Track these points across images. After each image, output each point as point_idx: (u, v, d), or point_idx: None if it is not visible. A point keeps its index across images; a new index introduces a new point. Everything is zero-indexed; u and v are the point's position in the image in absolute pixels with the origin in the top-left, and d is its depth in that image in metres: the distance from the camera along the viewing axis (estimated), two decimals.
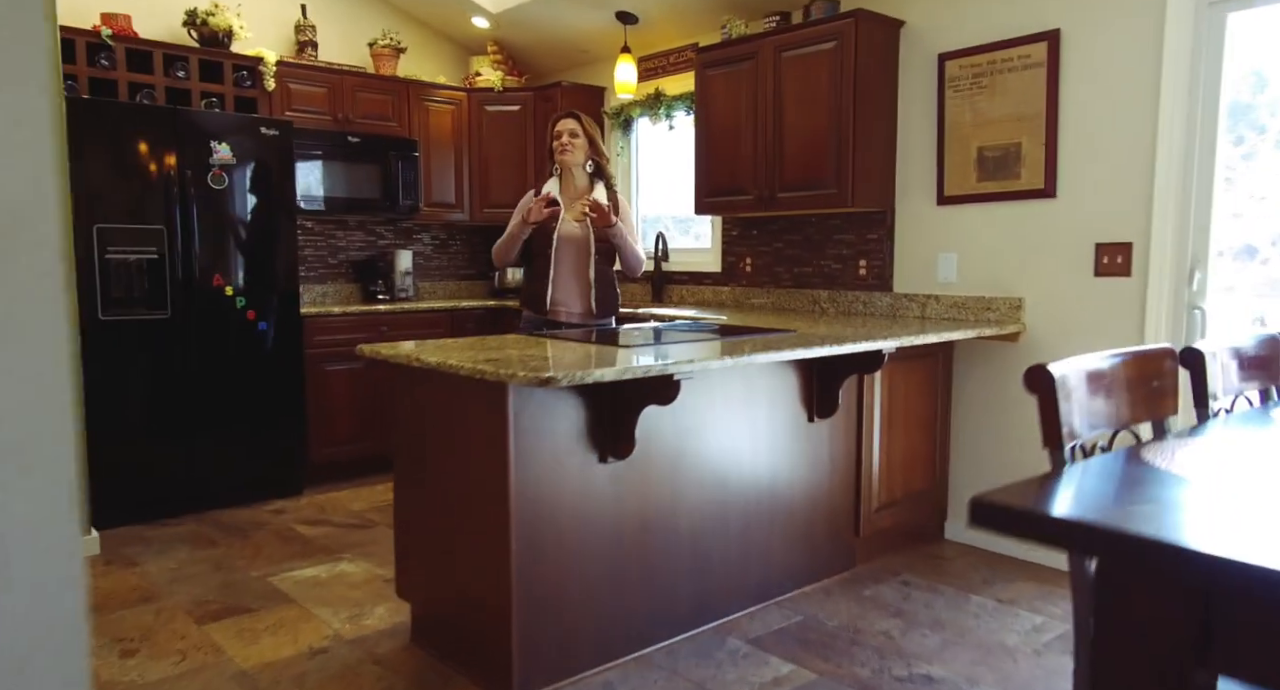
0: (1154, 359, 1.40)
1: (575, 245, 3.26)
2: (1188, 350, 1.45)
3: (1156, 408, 1.37)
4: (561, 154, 3.24)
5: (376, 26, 5.07)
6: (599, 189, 3.30)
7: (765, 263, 4.35)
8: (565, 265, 3.26)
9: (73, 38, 3.88)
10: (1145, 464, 1.10)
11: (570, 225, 3.25)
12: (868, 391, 3.19)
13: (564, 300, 3.28)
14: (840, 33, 3.53)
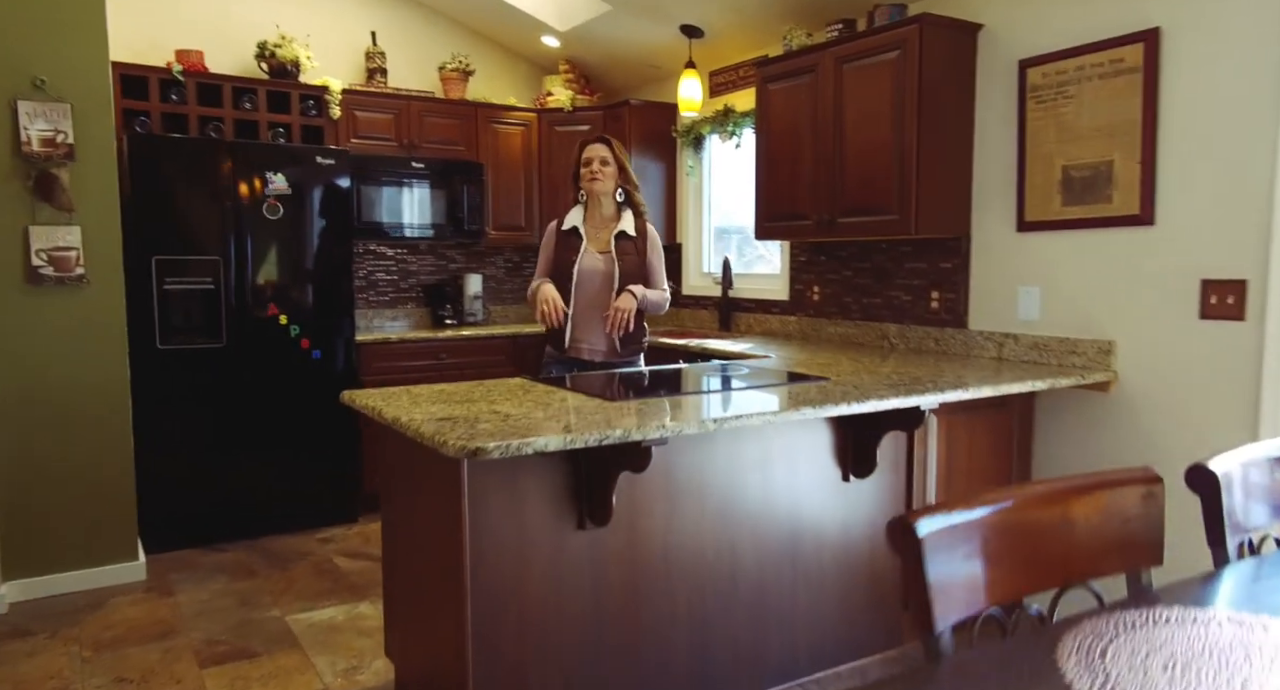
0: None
1: (597, 279, 3.06)
2: (1196, 470, 1.07)
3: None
4: (591, 182, 3.05)
5: (447, 49, 5.04)
6: (626, 218, 3.10)
7: (833, 292, 3.99)
8: (586, 301, 3.07)
9: (146, 75, 4.03)
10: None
11: (592, 258, 3.06)
12: (919, 447, 2.81)
13: (585, 338, 3.10)
14: (903, 40, 3.16)
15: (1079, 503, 0.95)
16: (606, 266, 3.05)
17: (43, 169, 3.24)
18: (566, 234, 3.11)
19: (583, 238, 3.07)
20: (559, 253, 3.11)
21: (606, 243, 3.07)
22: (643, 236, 3.13)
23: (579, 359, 3.09)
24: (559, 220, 3.17)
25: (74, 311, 3.34)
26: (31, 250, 3.25)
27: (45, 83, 3.23)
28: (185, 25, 4.34)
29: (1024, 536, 0.89)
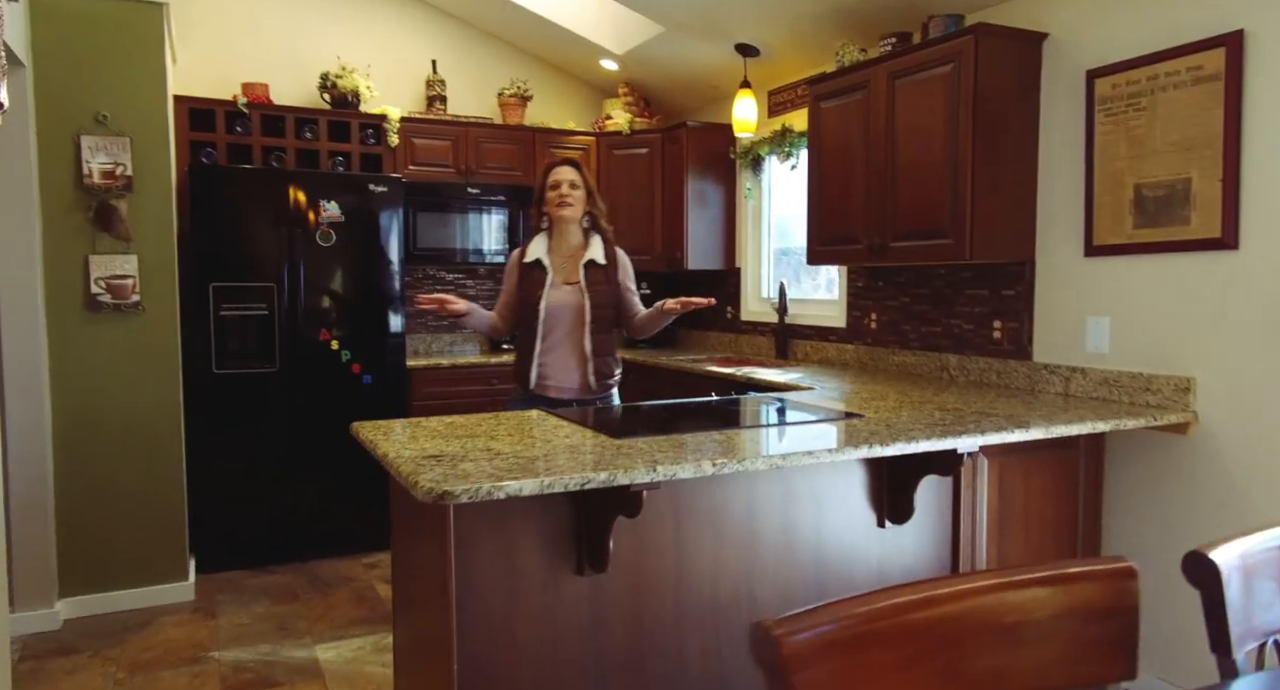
0: None
1: (567, 313, 2.85)
2: (1194, 560, 0.87)
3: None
4: (560, 208, 2.86)
5: (507, 75, 5.07)
6: (595, 245, 2.92)
7: (891, 319, 3.77)
8: (556, 337, 2.87)
9: (213, 108, 4.18)
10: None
11: (560, 291, 2.86)
12: (967, 492, 2.58)
13: (554, 375, 2.88)
14: (956, 53, 2.96)
15: (1021, 600, 0.77)
16: (576, 299, 2.85)
17: (103, 200, 3.37)
18: (529, 267, 2.89)
19: (547, 270, 2.86)
20: (523, 287, 2.89)
21: (575, 273, 2.87)
22: (613, 263, 2.95)
23: (545, 397, 2.87)
24: (521, 250, 2.95)
25: (130, 337, 3.46)
26: (91, 278, 3.37)
27: (107, 118, 3.37)
28: (252, 59, 4.49)
29: (937, 644, 0.72)
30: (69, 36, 3.30)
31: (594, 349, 2.86)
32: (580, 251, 2.91)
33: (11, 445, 3.25)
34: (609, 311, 2.91)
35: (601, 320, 2.87)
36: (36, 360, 3.27)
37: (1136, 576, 0.80)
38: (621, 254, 3.01)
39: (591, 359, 2.86)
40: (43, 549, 3.33)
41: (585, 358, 2.87)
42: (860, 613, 0.72)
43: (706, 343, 5.18)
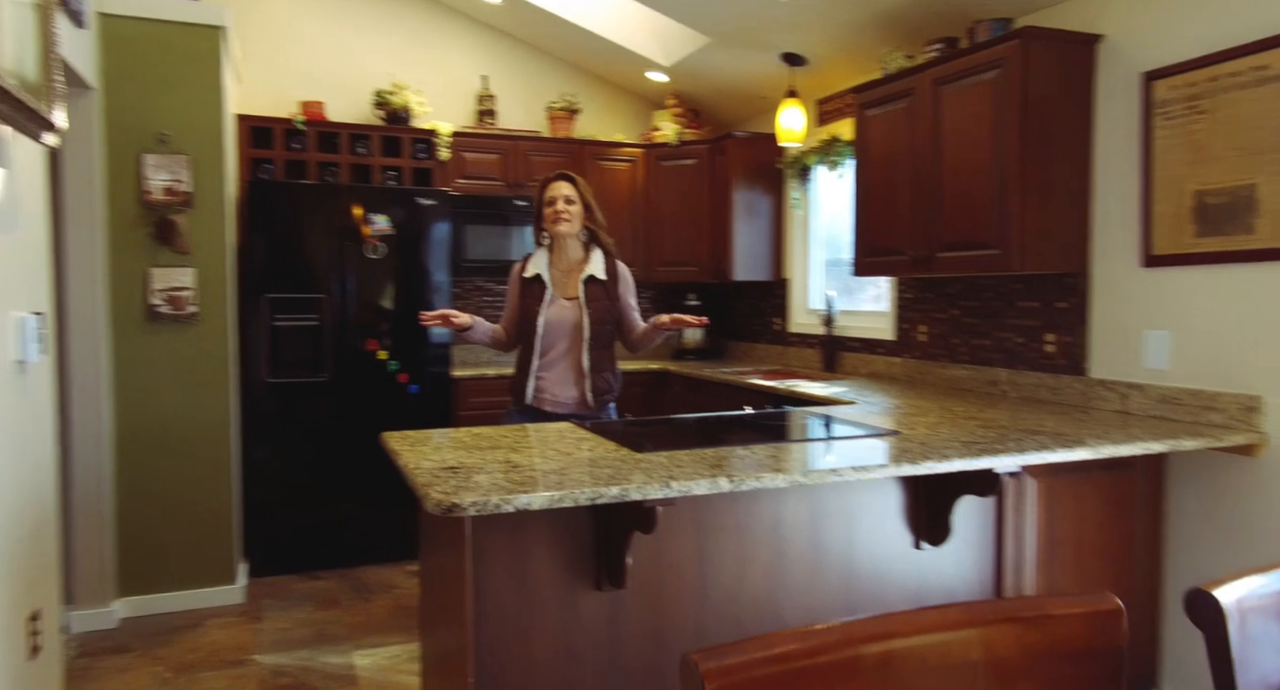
0: None
1: (565, 329, 2.85)
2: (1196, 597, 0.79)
3: None
4: (556, 224, 2.85)
5: (556, 88, 5.11)
6: (595, 260, 2.91)
7: (941, 331, 3.66)
8: (555, 353, 2.86)
9: (271, 126, 4.31)
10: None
11: (559, 307, 2.86)
12: (1012, 513, 2.47)
13: (550, 389, 2.87)
14: (1003, 58, 2.86)
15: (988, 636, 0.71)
16: (574, 315, 2.85)
17: (163, 215, 3.50)
18: (529, 282, 2.90)
19: (547, 285, 2.87)
20: (523, 302, 2.90)
21: (574, 288, 2.87)
22: (614, 278, 2.93)
23: (542, 411, 2.87)
24: (521, 265, 2.97)
25: (186, 347, 3.57)
26: (151, 290, 3.50)
27: (168, 137, 3.50)
28: (310, 78, 4.62)
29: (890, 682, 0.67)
30: (134, 60, 3.44)
31: (591, 365, 2.86)
32: (580, 266, 2.90)
33: (74, 449, 3.38)
34: (608, 327, 2.90)
35: (600, 336, 2.87)
36: (99, 369, 3.41)
37: (1123, 615, 0.73)
38: (623, 268, 2.99)
39: (589, 375, 2.85)
40: (102, 550, 3.45)
41: (583, 373, 2.86)
42: (802, 646, 0.67)
43: (754, 355, 5.11)
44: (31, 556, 2.32)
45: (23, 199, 2.28)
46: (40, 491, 2.43)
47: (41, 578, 2.40)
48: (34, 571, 2.33)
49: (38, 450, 2.41)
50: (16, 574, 2.18)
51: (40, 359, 2.38)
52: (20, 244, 2.26)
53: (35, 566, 2.35)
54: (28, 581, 2.27)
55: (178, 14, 3.50)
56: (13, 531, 2.16)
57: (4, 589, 2.07)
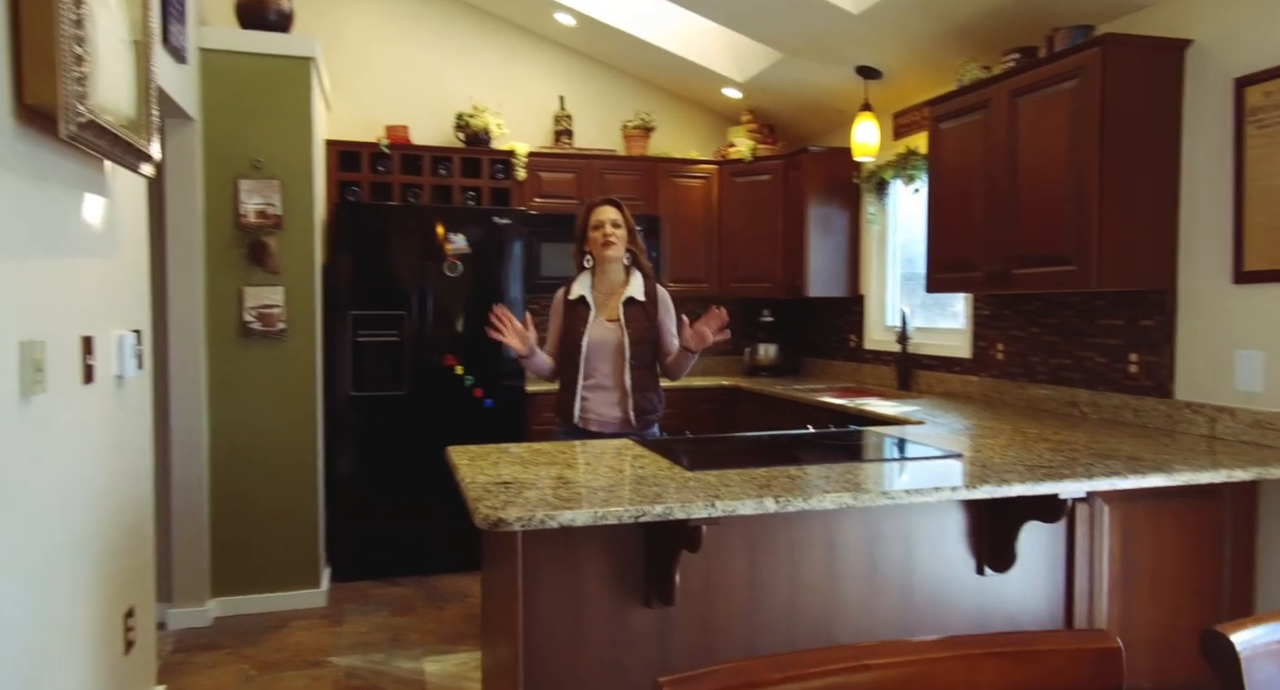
0: None
1: (608, 350, 2.90)
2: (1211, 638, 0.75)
3: None
4: (605, 248, 2.91)
5: (631, 106, 5.18)
6: (635, 282, 2.95)
7: (1019, 350, 3.54)
8: (598, 374, 2.90)
9: (358, 150, 4.52)
10: None
11: (601, 327, 2.91)
12: (1085, 540, 2.37)
13: (595, 409, 2.91)
14: (1081, 67, 2.76)
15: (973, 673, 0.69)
16: (616, 335, 2.90)
17: (256, 237, 3.71)
18: (574, 304, 2.96)
19: (591, 307, 2.93)
20: (567, 324, 2.96)
21: (615, 310, 2.92)
22: (653, 300, 2.97)
23: (587, 431, 2.91)
24: (565, 289, 3.03)
25: (275, 361, 3.77)
26: (244, 308, 3.72)
27: (262, 163, 3.72)
28: (396, 103, 4.82)
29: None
30: (232, 91, 3.67)
31: (634, 384, 2.88)
32: (621, 288, 2.96)
33: (174, 457, 3.61)
34: (648, 347, 2.93)
35: (640, 356, 2.90)
36: (197, 381, 3.63)
37: (1120, 654, 0.70)
38: (662, 292, 3.03)
39: (631, 394, 2.88)
40: (198, 551, 3.66)
41: (626, 393, 2.89)
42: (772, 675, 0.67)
43: (829, 372, 5.05)
44: (128, 557, 2.49)
45: (123, 226, 2.46)
46: (138, 497, 2.61)
47: (137, 577, 2.57)
48: (130, 571, 2.50)
49: (136, 458, 2.59)
50: (114, 574, 2.34)
51: (138, 374, 2.56)
52: (121, 267, 2.44)
53: (131, 567, 2.52)
54: (124, 581, 2.43)
55: (271, 47, 3.71)
56: (111, 534, 2.32)
57: (102, 588, 2.23)
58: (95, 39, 1.88)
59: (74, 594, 2.01)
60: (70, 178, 2.03)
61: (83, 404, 2.10)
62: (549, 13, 4.70)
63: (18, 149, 1.72)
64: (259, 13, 3.75)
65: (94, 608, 2.16)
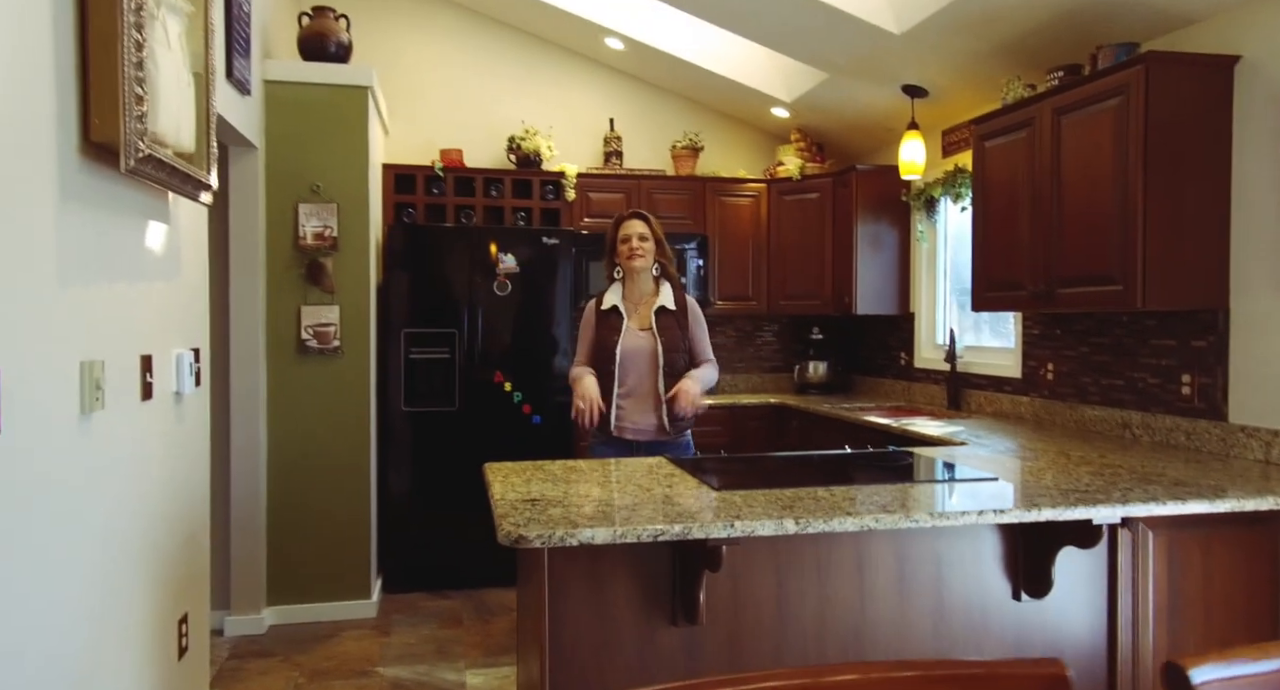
0: None
1: (641, 358, 2.96)
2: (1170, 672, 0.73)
3: None
4: (631, 260, 2.98)
5: (680, 127, 5.23)
6: (665, 292, 3.01)
7: (1069, 370, 3.46)
8: (631, 382, 2.97)
9: (414, 174, 4.67)
10: None
11: (634, 336, 2.97)
12: (1128, 567, 2.30)
13: (631, 417, 2.97)
14: (1124, 85, 2.71)
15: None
16: (649, 343, 2.96)
17: (313, 258, 3.87)
18: (606, 313, 3.03)
19: (623, 316, 3.00)
20: (600, 333, 3.02)
21: (647, 318, 3.00)
22: (683, 309, 3.03)
23: (623, 440, 2.98)
24: (596, 300, 3.10)
25: (331, 377, 3.91)
26: (302, 326, 3.87)
27: (320, 188, 3.88)
28: (451, 127, 4.97)
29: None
30: (293, 121, 3.84)
31: (668, 391, 2.94)
32: (651, 297, 3.03)
33: (234, 470, 3.77)
34: (681, 355, 2.99)
35: (673, 363, 2.96)
36: (256, 396, 3.79)
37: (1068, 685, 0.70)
38: (692, 302, 3.09)
39: (665, 402, 2.94)
40: (255, 561, 3.81)
41: (660, 400, 2.95)
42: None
43: (880, 390, 4.99)
44: (183, 566, 2.61)
45: (185, 250, 2.60)
46: (195, 508, 2.74)
47: (191, 585, 2.70)
48: (185, 580, 2.62)
49: (193, 471, 2.72)
50: (168, 581, 2.46)
51: (195, 390, 2.70)
52: (180, 289, 2.58)
53: (186, 575, 2.64)
54: (179, 588, 2.56)
55: (330, 77, 3.88)
56: (166, 543, 2.45)
57: (157, 595, 2.35)
58: (156, 78, 2.02)
59: (130, 599, 2.13)
60: (134, 207, 2.16)
61: (141, 419, 2.23)
62: (599, 38, 4.80)
63: (84, 182, 1.85)
64: (319, 45, 3.92)
65: (148, 613, 2.28)
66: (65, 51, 1.77)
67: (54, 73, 1.72)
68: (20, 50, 1.60)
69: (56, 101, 1.73)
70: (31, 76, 1.64)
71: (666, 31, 4.61)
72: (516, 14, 4.89)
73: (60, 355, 1.77)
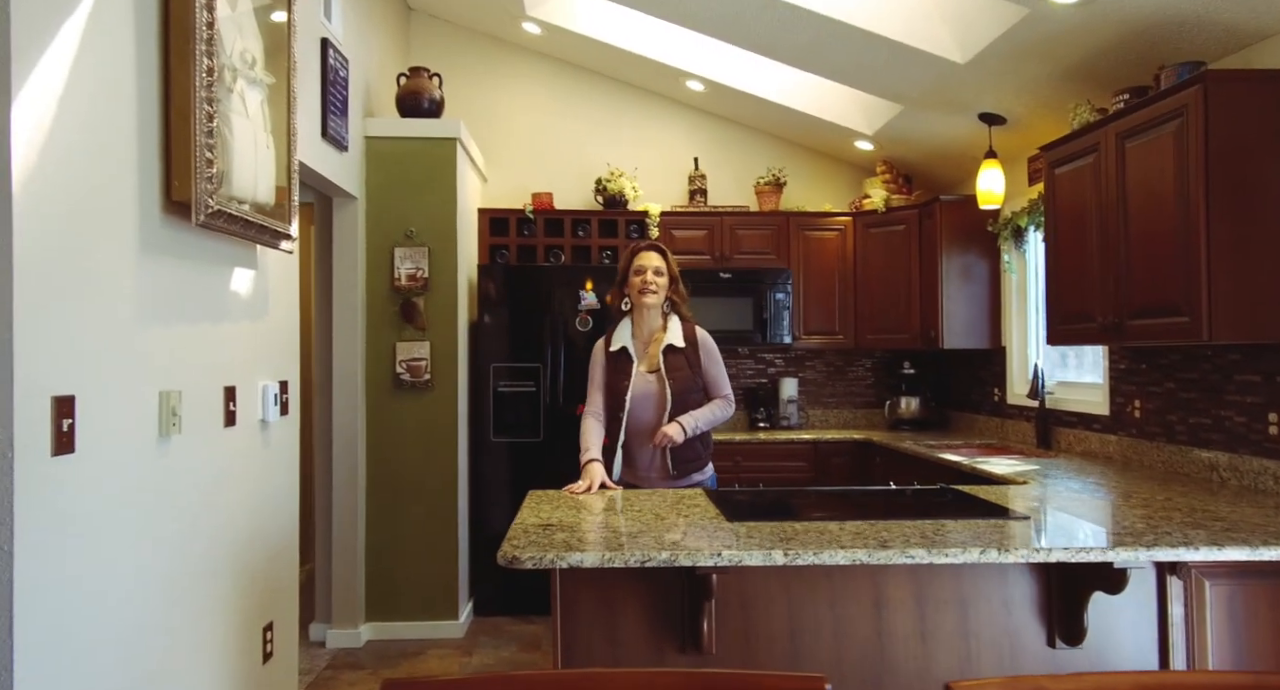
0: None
1: (649, 403, 2.88)
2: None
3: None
4: (643, 295, 2.88)
5: (764, 163, 5.29)
6: (674, 329, 2.91)
7: (1156, 407, 3.26)
8: (638, 427, 2.88)
9: (507, 217, 4.96)
10: None
11: (643, 380, 2.89)
12: (1187, 618, 2.16)
13: (637, 461, 2.92)
14: (1184, 106, 2.59)
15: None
16: (657, 387, 2.87)
17: (406, 298, 4.18)
18: (616, 355, 2.94)
19: (633, 359, 2.91)
20: (610, 377, 2.95)
21: (655, 359, 2.90)
22: (694, 345, 2.93)
23: (634, 484, 2.92)
24: (606, 338, 3.00)
25: (421, 409, 4.19)
26: (396, 361, 4.18)
27: (414, 233, 4.20)
28: (542, 172, 5.25)
29: None
30: (391, 172, 4.20)
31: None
32: (660, 333, 2.94)
33: (336, 494, 4.09)
34: (690, 396, 2.89)
35: (682, 406, 2.86)
36: (355, 427, 4.11)
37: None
38: (704, 335, 2.98)
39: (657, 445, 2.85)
40: (354, 579, 4.10)
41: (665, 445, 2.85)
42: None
43: (974, 427, 4.82)
44: (268, 578, 2.88)
45: (272, 293, 2.91)
46: (282, 524, 3.02)
47: (277, 596, 2.96)
48: (271, 591, 2.89)
49: (279, 491, 3.00)
50: (253, 592, 2.73)
51: (281, 418, 2.99)
52: (269, 327, 2.89)
53: (272, 587, 2.91)
54: (264, 598, 2.82)
55: (422, 131, 4.22)
56: (251, 555, 2.72)
57: (238, 602, 2.61)
58: (230, 144, 2.31)
59: (205, 605, 2.38)
60: (218, 256, 2.47)
61: (223, 443, 2.51)
62: (680, 81, 4.96)
63: (165, 235, 2.15)
64: (415, 102, 4.28)
65: (228, 619, 2.54)
66: (149, 128, 2.08)
67: (137, 147, 2.03)
68: (108, 130, 1.91)
69: (138, 169, 2.03)
70: (117, 152, 1.94)
71: (744, 71, 4.71)
72: (600, 62, 5.13)
73: (139, 385, 2.04)
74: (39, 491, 1.65)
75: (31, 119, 1.64)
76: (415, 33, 5.21)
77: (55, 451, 1.70)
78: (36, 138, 1.66)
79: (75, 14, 1.79)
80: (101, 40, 1.89)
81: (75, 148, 1.79)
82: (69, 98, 1.76)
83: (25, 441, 1.61)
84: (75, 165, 1.79)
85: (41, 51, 1.67)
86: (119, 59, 1.96)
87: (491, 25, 5.10)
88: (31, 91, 1.63)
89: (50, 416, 1.69)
